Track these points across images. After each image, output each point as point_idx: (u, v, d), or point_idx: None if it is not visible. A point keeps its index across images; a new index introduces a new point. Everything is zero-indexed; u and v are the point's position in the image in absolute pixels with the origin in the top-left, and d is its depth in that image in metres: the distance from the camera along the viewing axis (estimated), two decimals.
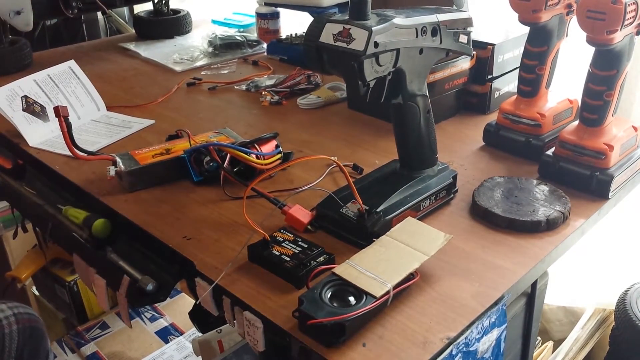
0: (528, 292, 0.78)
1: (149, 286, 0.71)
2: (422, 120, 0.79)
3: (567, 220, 0.78)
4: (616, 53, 0.81)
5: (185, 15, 1.71)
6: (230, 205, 0.84)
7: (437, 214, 0.81)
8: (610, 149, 0.83)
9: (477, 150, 0.99)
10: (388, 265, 0.64)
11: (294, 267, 0.67)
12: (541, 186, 0.84)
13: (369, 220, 0.72)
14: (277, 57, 1.48)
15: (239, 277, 0.69)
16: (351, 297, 0.61)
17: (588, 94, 0.85)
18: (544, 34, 0.90)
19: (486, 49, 1.09)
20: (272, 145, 0.91)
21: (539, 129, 0.94)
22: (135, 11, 1.87)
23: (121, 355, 1.62)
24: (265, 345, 0.64)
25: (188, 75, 1.37)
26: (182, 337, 1.67)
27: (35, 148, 1.02)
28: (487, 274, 0.69)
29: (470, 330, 0.61)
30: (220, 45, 1.53)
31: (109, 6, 1.69)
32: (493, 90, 1.12)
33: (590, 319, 1.43)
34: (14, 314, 1.07)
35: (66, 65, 1.18)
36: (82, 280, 1.60)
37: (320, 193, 0.80)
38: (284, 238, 0.72)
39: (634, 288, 1.33)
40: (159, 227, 0.79)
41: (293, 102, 1.20)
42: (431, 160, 0.82)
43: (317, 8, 1.37)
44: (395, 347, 0.58)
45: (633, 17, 0.77)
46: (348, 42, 0.67)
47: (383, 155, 0.96)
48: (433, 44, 0.76)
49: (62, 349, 1.66)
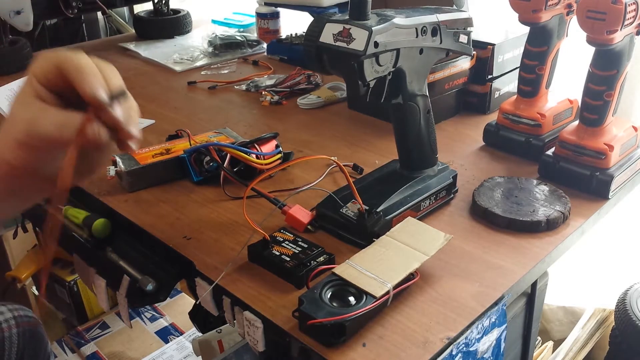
0: (528, 292, 0.78)
1: (149, 286, 0.71)
2: (422, 120, 0.79)
3: (567, 220, 0.78)
4: (616, 53, 0.81)
5: (185, 15, 1.71)
6: (230, 205, 0.84)
7: (437, 214, 0.81)
8: (610, 149, 0.83)
9: (477, 150, 0.99)
10: (388, 265, 0.64)
11: (294, 267, 0.67)
12: (541, 186, 0.84)
13: (369, 220, 0.72)
14: (277, 57, 1.48)
15: (239, 277, 0.69)
16: (351, 297, 0.61)
17: (588, 94, 0.85)
18: (544, 34, 0.90)
19: (486, 49, 1.09)
20: (272, 145, 0.91)
21: (539, 129, 0.94)
22: (135, 11, 1.87)
23: (121, 355, 1.62)
24: (265, 345, 0.64)
25: (188, 75, 1.38)
26: (182, 337, 1.67)
27: None
28: (487, 274, 0.69)
29: (470, 330, 0.61)
30: (220, 45, 1.53)
31: (109, 6, 1.69)
32: (493, 90, 1.12)
33: (590, 319, 1.43)
34: (14, 317, 1.07)
35: None
36: (82, 280, 1.60)
37: (320, 193, 0.80)
38: (284, 238, 0.72)
39: (634, 288, 1.33)
40: (159, 227, 0.79)
41: (293, 102, 1.20)
42: (431, 160, 0.82)
43: (317, 8, 1.37)
44: (395, 347, 0.58)
45: (633, 17, 0.77)
46: (348, 42, 0.67)
47: (383, 155, 0.96)
48: (433, 44, 0.76)
49: (62, 349, 1.66)
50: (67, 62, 0.51)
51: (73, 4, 1.52)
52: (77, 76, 0.51)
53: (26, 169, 0.54)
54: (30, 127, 0.52)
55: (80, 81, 0.50)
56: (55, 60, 0.52)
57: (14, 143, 0.53)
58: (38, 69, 0.53)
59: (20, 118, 0.53)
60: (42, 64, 0.53)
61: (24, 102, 0.54)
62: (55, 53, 0.53)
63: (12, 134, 0.53)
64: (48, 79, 0.53)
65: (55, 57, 0.52)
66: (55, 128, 0.52)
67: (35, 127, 0.52)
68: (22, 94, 0.54)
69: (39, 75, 0.53)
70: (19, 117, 0.54)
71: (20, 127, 0.53)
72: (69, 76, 0.51)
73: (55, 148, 0.53)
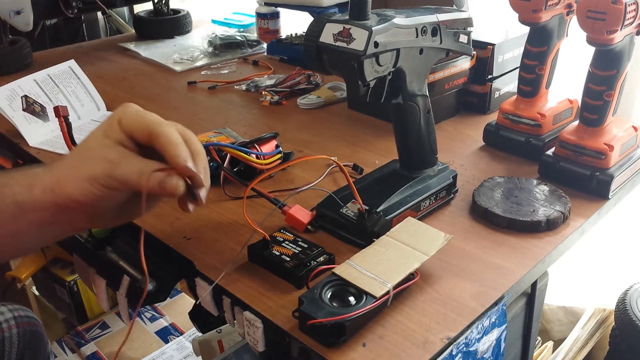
0: (528, 292, 0.78)
1: (149, 286, 0.71)
2: (422, 120, 0.79)
3: (567, 220, 0.78)
4: (616, 53, 0.81)
5: (185, 15, 1.71)
6: (230, 205, 0.84)
7: (437, 214, 0.81)
8: (610, 149, 0.83)
9: (477, 150, 0.99)
10: (388, 265, 0.64)
11: (294, 267, 0.67)
12: (541, 186, 0.84)
13: (369, 220, 0.72)
14: (277, 57, 1.48)
15: (239, 277, 0.69)
16: (351, 297, 0.61)
17: (588, 94, 0.85)
18: (544, 34, 0.90)
19: (486, 49, 1.09)
20: (272, 145, 0.91)
21: (539, 129, 0.94)
22: (135, 11, 1.87)
23: (121, 355, 1.62)
24: (265, 345, 0.64)
25: (188, 75, 1.38)
26: (182, 337, 1.67)
27: (35, 148, 1.02)
28: (487, 274, 0.69)
29: (471, 330, 0.61)
30: (220, 45, 1.53)
31: (109, 6, 1.69)
32: (493, 90, 1.12)
33: (590, 319, 1.43)
34: (14, 317, 1.07)
35: (66, 65, 1.18)
36: (82, 280, 1.60)
37: (320, 193, 0.80)
38: (284, 238, 0.72)
39: (634, 288, 1.33)
40: (159, 227, 0.79)
41: (293, 102, 1.20)
42: (431, 160, 0.82)
43: (317, 8, 1.37)
44: (395, 347, 0.58)
45: (633, 17, 0.77)
46: (348, 42, 0.67)
47: (383, 155, 0.96)
48: (433, 44, 0.76)
49: (62, 349, 1.66)
50: (160, 133, 0.57)
51: (73, 4, 1.52)
52: (168, 147, 0.56)
53: (86, 204, 0.57)
54: (112, 169, 0.56)
55: (171, 153, 0.56)
56: (147, 124, 0.57)
57: (87, 180, 0.57)
58: (127, 122, 0.58)
59: (101, 158, 0.57)
60: (131, 120, 0.58)
61: (105, 144, 0.57)
62: (146, 116, 0.58)
63: (87, 171, 0.57)
64: (133, 133, 0.58)
65: (147, 121, 0.58)
66: (136, 175, 0.57)
67: (117, 170, 0.56)
68: (101, 136, 0.58)
69: (126, 126, 0.58)
70: (98, 156, 0.57)
71: (101, 167, 0.56)
72: (158, 144, 0.57)
73: (128, 191, 0.58)
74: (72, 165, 0.58)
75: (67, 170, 0.58)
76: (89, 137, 0.59)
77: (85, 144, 0.59)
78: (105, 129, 0.58)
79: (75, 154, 0.60)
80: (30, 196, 0.59)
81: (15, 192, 0.59)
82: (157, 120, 0.58)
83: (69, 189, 0.57)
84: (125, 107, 0.59)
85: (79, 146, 0.60)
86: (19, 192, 0.59)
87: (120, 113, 0.59)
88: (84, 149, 0.59)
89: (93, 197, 0.57)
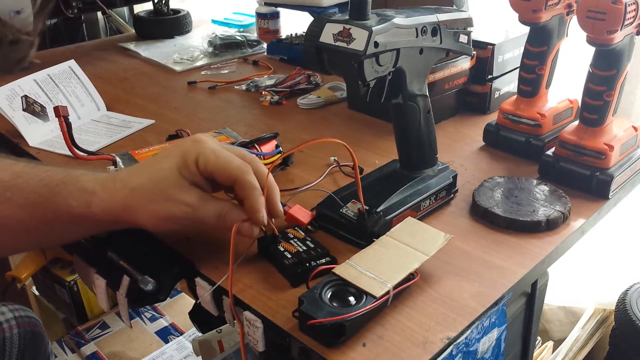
0: (528, 292, 0.78)
1: (149, 286, 0.71)
2: (422, 120, 0.79)
3: (567, 220, 0.78)
4: (616, 53, 0.81)
5: (185, 15, 1.71)
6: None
7: (437, 214, 0.81)
8: (610, 149, 0.83)
9: (477, 150, 0.99)
10: (388, 265, 0.64)
11: (291, 265, 0.67)
12: (541, 186, 0.84)
13: (369, 220, 0.72)
14: (277, 57, 1.48)
15: (239, 277, 0.68)
16: (351, 297, 0.61)
17: (588, 94, 0.85)
18: (544, 34, 0.90)
19: (486, 49, 1.09)
20: (272, 145, 0.91)
21: (539, 129, 0.94)
22: (135, 11, 1.87)
23: (121, 355, 1.62)
24: (265, 345, 0.64)
25: (188, 75, 1.38)
26: (182, 337, 1.67)
27: (35, 148, 1.02)
28: (487, 274, 0.69)
29: (471, 330, 0.61)
30: (220, 45, 1.53)
31: (109, 6, 1.69)
32: (493, 90, 1.12)
33: (590, 319, 1.43)
34: (14, 317, 1.07)
35: (66, 65, 1.18)
36: (82, 280, 1.60)
37: (320, 193, 0.80)
38: (294, 235, 0.72)
39: (634, 288, 1.33)
40: None
41: (293, 102, 1.20)
42: (431, 160, 0.82)
43: (317, 8, 1.37)
44: (395, 347, 0.58)
45: (633, 17, 0.77)
46: (348, 42, 0.67)
47: (383, 155, 0.96)
48: (433, 44, 0.76)
49: (62, 349, 1.66)
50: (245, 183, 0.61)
51: (73, 4, 1.52)
52: (251, 200, 0.61)
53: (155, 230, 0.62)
54: (192, 213, 0.60)
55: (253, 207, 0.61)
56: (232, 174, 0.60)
57: (164, 218, 0.60)
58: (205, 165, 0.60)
59: (180, 201, 0.59)
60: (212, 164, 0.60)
61: (181, 186, 0.60)
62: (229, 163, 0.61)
63: (165, 210, 0.59)
64: (214, 177, 0.60)
65: (234, 170, 0.60)
66: (215, 218, 0.61)
67: (196, 214, 0.60)
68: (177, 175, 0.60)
69: (204, 169, 0.60)
70: (177, 199, 0.60)
71: (180, 210, 0.60)
72: (242, 193, 0.61)
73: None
74: (147, 198, 0.59)
75: (138, 200, 0.59)
76: (161, 169, 0.60)
77: (156, 174, 0.60)
78: (180, 166, 0.60)
79: (147, 183, 0.60)
80: (88, 212, 0.60)
81: (71, 205, 0.60)
82: (240, 168, 0.60)
83: (139, 219, 0.59)
84: (199, 145, 0.60)
85: (149, 175, 0.60)
86: (76, 206, 0.60)
87: (196, 153, 0.60)
88: (156, 182, 0.60)
89: (165, 229, 0.60)
